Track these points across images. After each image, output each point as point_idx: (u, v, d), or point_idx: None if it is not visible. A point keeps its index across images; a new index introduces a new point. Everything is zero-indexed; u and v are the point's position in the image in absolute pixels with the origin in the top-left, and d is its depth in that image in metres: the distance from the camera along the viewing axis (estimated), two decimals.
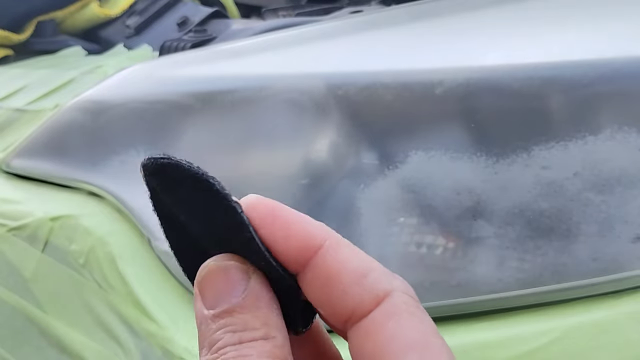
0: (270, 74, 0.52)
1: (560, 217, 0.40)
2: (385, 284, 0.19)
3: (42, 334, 0.54)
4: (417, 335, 0.18)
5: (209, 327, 0.20)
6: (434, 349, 0.18)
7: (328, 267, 0.20)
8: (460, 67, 0.45)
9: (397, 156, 0.44)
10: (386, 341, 0.18)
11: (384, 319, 0.19)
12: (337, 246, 0.20)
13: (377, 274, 0.20)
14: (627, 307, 0.38)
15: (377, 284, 0.19)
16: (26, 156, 0.62)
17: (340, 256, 0.20)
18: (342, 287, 0.19)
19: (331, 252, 0.20)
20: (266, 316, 0.20)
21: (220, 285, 0.20)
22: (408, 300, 0.19)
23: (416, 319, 0.19)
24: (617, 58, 0.41)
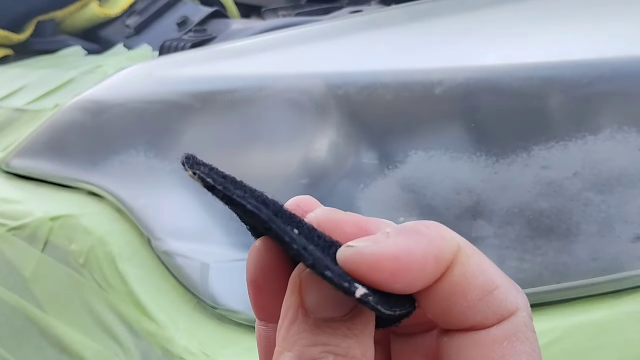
0: (270, 74, 0.52)
1: (560, 217, 0.40)
2: (511, 302, 0.19)
3: (42, 334, 0.54)
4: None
5: (304, 335, 0.18)
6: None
7: (454, 283, 0.18)
8: (460, 67, 0.45)
9: (397, 156, 0.44)
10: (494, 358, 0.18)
11: (501, 337, 0.18)
12: (465, 259, 0.18)
13: (504, 290, 0.19)
14: (627, 307, 0.38)
15: (503, 303, 0.18)
16: (26, 156, 0.62)
17: (468, 271, 0.18)
18: (466, 304, 0.18)
19: (458, 267, 0.18)
20: (367, 345, 0.18)
21: (332, 291, 0.18)
22: (528, 322, 0.19)
23: (529, 345, 0.18)
24: (617, 58, 0.41)
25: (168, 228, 0.50)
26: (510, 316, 0.18)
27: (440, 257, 0.18)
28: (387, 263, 0.17)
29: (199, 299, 0.47)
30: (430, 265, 0.18)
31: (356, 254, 0.18)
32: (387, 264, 0.17)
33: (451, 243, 0.18)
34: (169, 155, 0.53)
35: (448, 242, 0.18)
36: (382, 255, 0.17)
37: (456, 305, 0.18)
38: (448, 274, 0.18)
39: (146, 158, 0.54)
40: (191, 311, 0.47)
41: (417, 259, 0.18)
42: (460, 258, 0.18)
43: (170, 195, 0.51)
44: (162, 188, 0.52)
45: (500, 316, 0.18)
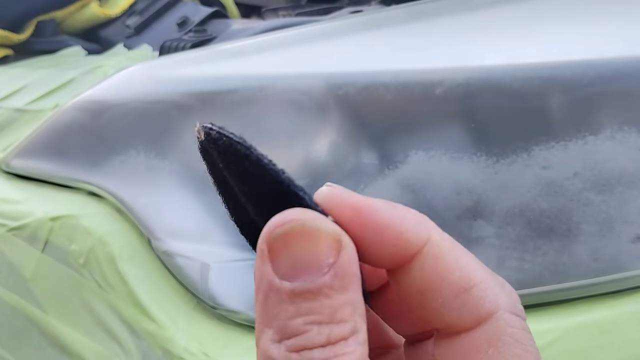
0: (270, 74, 0.52)
1: (560, 217, 0.40)
2: (489, 302, 0.17)
3: (42, 334, 0.54)
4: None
5: (283, 306, 0.16)
6: None
7: (426, 277, 0.17)
8: (460, 67, 0.45)
9: (397, 156, 0.44)
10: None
11: (485, 344, 0.17)
12: (438, 252, 0.18)
13: (483, 287, 0.17)
14: (627, 307, 0.38)
15: (481, 302, 0.17)
16: (26, 156, 0.62)
17: (441, 265, 0.17)
18: (440, 300, 0.17)
19: (430, 261, 0.17)
20: (354, 301, 0.16)
21: (305, 252, 0.16)
22: (513, 322, 0.17)
23: (519, 346, 0.17)
24: (617, 58, 0.41)
25: (168, 228, 0.50)
26: (489, 317, 0.17)
27: (403, 234, 0.17)
28: (359, 204, 0.18)
29: (199, 299, 0.47)
30: (390, 237, 0.17)
31: (333, 190, 0.18)
32: (359, 206, 0.17)
33: (422, 231, 0.18)
34: (169, 155, 0.53)
35: (420, 228, 0.18)
36: (357, 200, 0.18)
37: (430, 301, 0.17)
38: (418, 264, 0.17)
39: (146, 158, 0.54)
40: (191, 311, 0.47)
41: (382, 219, 0.17)
42: (432, 250, 0.18)
43: (170, 195, 0.51)
44: (162, 188, 0.52)
45: (477, 316, 0.17)
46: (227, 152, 0.19)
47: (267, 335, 0.16)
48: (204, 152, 0.21)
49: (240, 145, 0.19)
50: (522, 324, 0.18)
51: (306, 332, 0.16)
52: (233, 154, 0.19)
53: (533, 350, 0.17)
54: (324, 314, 0.16)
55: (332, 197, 0.18)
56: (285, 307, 0.16)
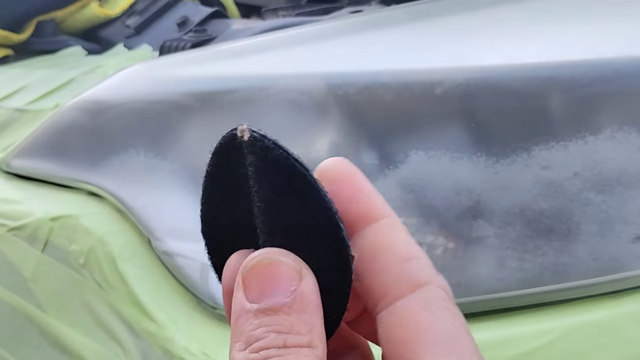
0: (270, 74, 0.52)
1: (560, 217, 0.40)
2: (425, 274, 0.19)
3: (42, 334, 0.54)
4: (451, 329, 0.19)
5: (249, 321, 0.19)
6: (466, 345, 0.18)
7: (377, 241, 0.20)
8: (460, 67, 0.45)
9: (397, 156, 0.44)
10: (419, 330, 0.18)
11: (419, 308, 0.19)
12: (392, 225, 0.20)
13: (421, 263, 0.20)
14: (627, 307, 0.38)
15: (418, 271, 0.19)
16: (26, 156, 0.62)
17: (392, 236, 0.20)
18: (383, 263, 0.19)
19: (385, 229, 0.20)
20: (312, 323, 0.19)
21: (269, 280, 0.19)
22: (443, 295, 0.19)
23: (450, 313, 0.19)
24: (617, 58, 0.41)
25: (168, 228, 0.50)
26: (422, 285, 0.19)
27: (369, 210, 0.20)
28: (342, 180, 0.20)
29: (199, 299, 0.47)
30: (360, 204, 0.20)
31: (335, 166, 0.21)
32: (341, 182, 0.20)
33: (387, 207, 0.21)
34: (169, 155, 0.53)
35: (384, 204, 0.21)
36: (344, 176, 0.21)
37: (375, 264, 0.20)
38: (371, 231, 0.20)
39: (146, 158, 0.54)
40: (191, 311, 0.47)
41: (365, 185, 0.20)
42: (388, 222, 0.20)
43: (170, 195, 0.51)
44: (162, 188, 0.52)
45: (413, 282, 0.19)
46: (272, 161, 0.20)
47: (235, 347, 0.19)
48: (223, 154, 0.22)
49: (296, 161, 0.20)
50: (451, 299, 0.20)
51: (266, 337, 0.18)
52: (280, 165, 0.20)
53: (463, 320, 0.19)
54: (283, 325, 0.18)
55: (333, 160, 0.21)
56: (251, 321, 0.19)
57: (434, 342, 0.18)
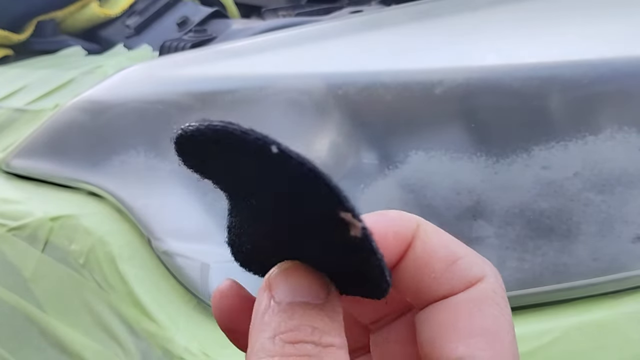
0: (270, 74, 0.52)
1: (560, 217, 0.40)
2: (476, 271, 0.19)
3: (42, 334, 0.54)
4: (492, 325, 0.18)
5: (278, 315, 0.17)
6: (504, 342, 0.18)
7: (418, 258, 0.19)
8: (460, 67, 0.45)
9: (397, 156, 0.44)
10: (458, 321, 0.18)
11: (465, 301, 0.19)
12: (425, 236, 0.20)
13: (468, 260, 0.19)
14: (627, 307, 0.38)
15: (468, 271, 0.19)
16: (26, 156, 0.62)
17: (429, 245, 0.19)
18: (433, 276, 0.19)
19: (419, 243, 0.19)
20: (341, 328, 0.18)
21: (300, 281, 0.18)
22: (497, 288, 0.19)
23: (497, 308, 0.19)
24: (617, 58, 0.41)
25: (168, 228, 0.50)
26: (476, 282, 0.19)
27: (399, 232, 0.19)
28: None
29: (199, 299, 0.47)
30: (390, 240, 0.19)
31: None
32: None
33: (409, 222, 0.20)
34: (169, 155, 0.53)
35: (406, 221, 0.20)
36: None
37: (424, 278, 0.19)
38: (411, 250, 0.19)
39: (146, 158, 0.54)
40: (191, 311, 0.47)
41: (378, 234, 0.18)
42: (420, 234, 0.20)
43: (170, 195, 0.51)
44: (162, 188, 0.52)
45: (468, 282, 0.19)
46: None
47: (261, 338, 0.17)
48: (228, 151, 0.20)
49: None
50: (503, 293, 0.19)
51: (301, 329, 0.17)
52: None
53: (508, 317, 0.19)
54: (319, 322, 0.17)
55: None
56: (282, 314, 0.17)
57: (471, 334, 0.18)
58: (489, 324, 0.18)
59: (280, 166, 0.18)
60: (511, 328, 0.19)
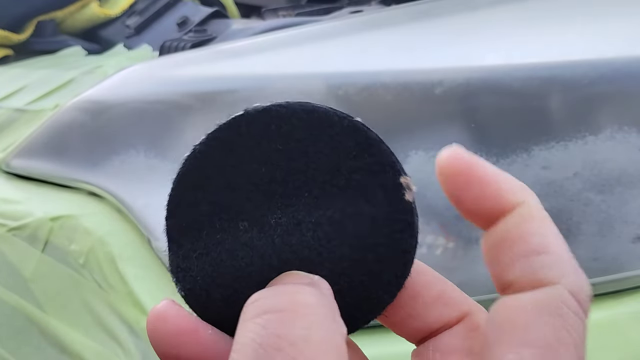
0: (270, 74, 0.52)
1: (560, 217, 0.40)
2: (554, 272, 0.18)
3: (42, 334, 0.54)
4: (550, 337, 0.17)
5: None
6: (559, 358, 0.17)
7: (508, 232, 0.18)
8: (460, 67, 0.45)
9: (397, 156, 0.44)
10: (513, 326, 0.17)
11: (528, 305, 0.17)
12: (526, 215, 0.18)
13: (554, 258, 0.18)
14: (627, 307, 0.38)
15: (546, 268, 0.18)
16: (26, 156, 0.62)
17: (524, 226, 0.18)
18: (511, 256, 0.18)
19: (517, 219, 0.18)
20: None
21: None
22: (567, 300, 0.18)
23: (561, 321, 0.17)
24: (617, 58, 0.41)
25: None
26: (546, 284, 0.17)
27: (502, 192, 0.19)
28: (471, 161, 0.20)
29: None
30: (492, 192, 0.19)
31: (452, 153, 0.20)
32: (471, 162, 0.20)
33: (521, 192, 0.19)
34: (169, 155, 0.53)
35: (518, 189, 0.19)
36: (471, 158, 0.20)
37: (502, 255, 0.18)
38: (505, 219, 0.18)
39: (146, 158, 0.54)
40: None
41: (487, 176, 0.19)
42: (523, 211, 0.18)
43: None
44: (162, 188, 0.52)
45: (537, 280, 0.17)
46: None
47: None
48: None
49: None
50: (577, 309, 0.18)
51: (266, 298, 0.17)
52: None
53: (576, 336, 0.17)
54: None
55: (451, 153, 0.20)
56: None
57: (523, 343, 0.17)
58: (547, 335, 0.17)
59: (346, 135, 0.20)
60: (576, 344, 0.18)
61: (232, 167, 0.20)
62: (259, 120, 0.21)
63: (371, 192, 0.20)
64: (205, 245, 0.20)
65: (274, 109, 0.20)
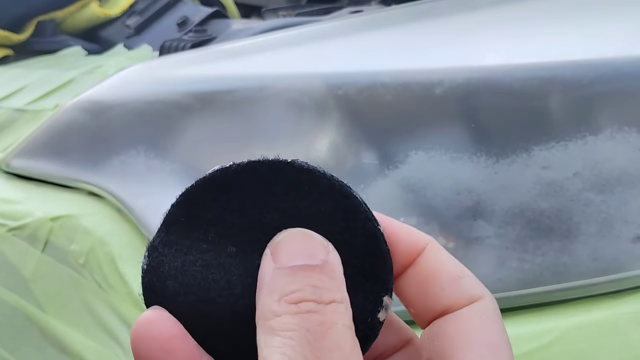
0: (270, 74, 0.52)
1: (560, 217, 0.40)
2: (477, 289, 0.21)
3: (42, 334, 0.54)
4: (496, 339, 0.20)
5: (282, 279, 0.19)
6: (506, 356, 0.20)
7: (429, 267, 0.21)
8: (460, 67, 0.45)
9: (397, 156, 0.44)
10: (468, 333, 0.20)
11: (472, 315, 0.21)
12: (437, 249, 0.22)
13: (472, 279, 0.22)
14: (627, 307, 0.38)
15: (472, 288, 0.21)
16: (26, 156, 0.62)
17: (440, 258, 0.22)
18: (440, 285, 0.21)
19: (432, 254, 0.22)
20: (342, 285, 0.20)
21: (300, 246, 0.20)
22: (495, 309, 0.21)
23: (498, 326, 0.21)
24: (617, 58, 0.41)
25: None
26: (479, 299, 0.21)
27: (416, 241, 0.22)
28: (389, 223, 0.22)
29: None
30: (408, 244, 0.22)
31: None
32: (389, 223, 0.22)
33: (424, 236, 0.22)
34: (169, 155, 0.53)
35: (420, 234, 0.22)
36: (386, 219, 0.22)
37: (432, 287, 0.21)
38: (422, 258, 0.22)
39: (146, 158, 0.54)
40: None
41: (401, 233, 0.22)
42: (432, 247, 0.22)
43: (171, 195, 0.51)
44: (162, 188, 0.52)
45: (471, 297, 0.21)
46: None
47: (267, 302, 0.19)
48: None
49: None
50: (497, 311, 0.22)
51: (303, 289, 0.19)
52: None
53: (506, 334, 0.21)
54: (318, 282, 0.19)
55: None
56: (285, 278, 0.19)
57: (480, 344, 0.20)
58: (493, 337, 0.20)
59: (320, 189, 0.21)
60: (509, 343, 0.21)
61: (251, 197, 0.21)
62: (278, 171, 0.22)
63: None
64: (189, 246, 0.21)
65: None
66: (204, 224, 0.21)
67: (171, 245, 0.21)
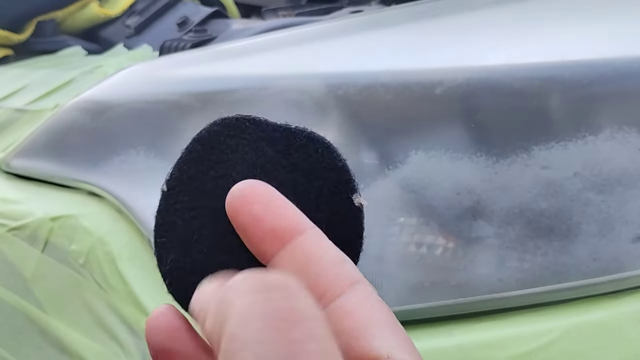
0: (270, 74, 0.52)
1: (560, 217, 0.40)
2: (356, 274, 0.22)
3: (42, 334, 0.54)
4: (388, 318, 0.21)
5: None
6: (401, 331, 0.21)
7: (310, 250, 0.22)
8: (460, 67, 0.45)
9: (397, 156, 0.44)
10: (365, 319, 0.21)
11: (361, 301, 0.21)
12: (319, 237, 0.23)
13: (351, 265, 0.23)
14: (627, 307, 0.38)
15: (352, 272, 0.22)
16: (26, 156, 0.62)
17: (322, 244, 0.23)
18: (320, 267, 0.22)
19: (314, 239, 0.22)
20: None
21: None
22: (374, 290, 0.22)
23: (382, 304, 0.22)
24: (617, 58, 0.41)
25: None
26: (357, 283, 0.22)
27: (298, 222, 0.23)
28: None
29: None
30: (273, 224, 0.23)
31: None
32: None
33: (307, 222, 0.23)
34: (169, 155, 0.53)
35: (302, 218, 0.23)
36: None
37: (312, 269, 0.22)
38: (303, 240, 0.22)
39: (146, 158, 0.54)
40: None
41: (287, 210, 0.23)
42: (315, 233, 0.23)
43: None
44: None
45: (351, 281, 0.22)
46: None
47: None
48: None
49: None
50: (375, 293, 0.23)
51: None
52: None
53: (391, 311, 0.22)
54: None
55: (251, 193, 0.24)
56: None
57: (379, 327, 0.21)
58: (385, 317, 0.21)
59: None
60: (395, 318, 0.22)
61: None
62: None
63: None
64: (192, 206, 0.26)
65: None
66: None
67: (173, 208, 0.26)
